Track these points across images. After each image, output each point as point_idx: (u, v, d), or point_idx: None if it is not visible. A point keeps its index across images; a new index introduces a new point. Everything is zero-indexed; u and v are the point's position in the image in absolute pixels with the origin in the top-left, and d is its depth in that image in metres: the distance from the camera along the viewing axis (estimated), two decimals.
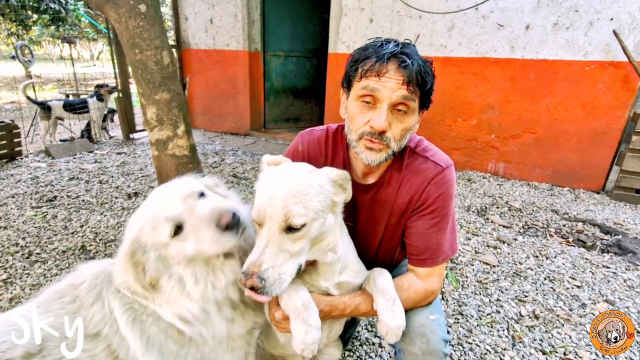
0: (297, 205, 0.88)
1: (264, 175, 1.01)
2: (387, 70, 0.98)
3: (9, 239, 2.63)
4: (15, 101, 9.33)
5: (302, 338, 0.93)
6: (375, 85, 0.99)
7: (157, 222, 0.89)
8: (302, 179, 0.93)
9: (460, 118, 4.52)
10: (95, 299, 0.92)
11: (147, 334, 0.90)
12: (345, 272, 1.11)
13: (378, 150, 1.06)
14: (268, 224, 0.89)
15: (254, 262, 0.87)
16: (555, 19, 3.82)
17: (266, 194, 0.91)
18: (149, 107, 2.74)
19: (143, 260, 0.90)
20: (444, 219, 1.13)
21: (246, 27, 5.62)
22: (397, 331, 1.00)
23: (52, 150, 4.62)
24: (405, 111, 1.03)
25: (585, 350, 1.82)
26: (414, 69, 0.98)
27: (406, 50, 1.01)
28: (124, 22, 2.56)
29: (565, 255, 2.69)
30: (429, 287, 1.13)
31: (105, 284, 0.96)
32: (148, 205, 0.95)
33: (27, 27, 14.32)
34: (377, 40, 1.06)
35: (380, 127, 1.01)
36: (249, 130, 6.16)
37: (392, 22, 4.57)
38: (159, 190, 0.99)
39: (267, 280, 0.85)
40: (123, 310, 0.91)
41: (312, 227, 0.92)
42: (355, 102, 1.06)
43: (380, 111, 1.01)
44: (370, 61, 1.00)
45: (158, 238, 0.90)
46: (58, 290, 0.95)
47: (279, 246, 0.88)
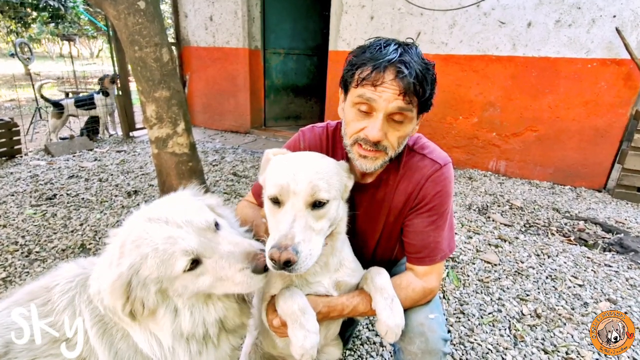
0: (322, 181, 0.90)
1: (276, 161, 1.01)
2: (384, 80, 0.94)
3: (9, 237, 2.62)
4: (14, 99, 9.31)
5: (301, 343, 0.92)
6: (371, 95, 0.96)
7: (170, 254, 0.82)
8: (322, 160, 0.98)
9: (461, 116, 4.50)
10: (66, 304, 0.89)
11: (115, 349, 0.88)
12: (342, 270, 1.10)
13: (373, 159, 1.04)
14: (292, 200, 0.89)
15: (285, 235, 0.84)
16: (558, 16, 3.79)
17: (287, 173, 0.91)
18: (149, 105, 2.72)
19: (142, 296, 0.82)
20: (442, 217, 1.12)
21: (246, 25, 5.59)
22: (397, 330, 0.99)
23: (51, 148, 4.60)
24: (402, 121, 1.00)
25: (587, 349, 1.81)
26: (411, 79, 0.93)
27: (405, 57, 0.95)
28: (123, 19, 2.54)
29: (567, 254, 2.68)
30: (428, 285, 1.12)
31: (78, 289, 0.91)
32: (152, 231, 0.84)
33: (27, 25, 14.27)
34: (376, 42, 1.01)
35: (375, 137, 0.98)
36: (249, 128, 6.14)
37: (393, 20, 4.55)
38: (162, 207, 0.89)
39: (301, 253, 0.83)
40: (93, 322, 0.87)
41: (332, 207, 0.93)
42: (351, 107, 1.03)
43: (376, 121, 0.98)
44: (367, 69, 0.96)
45: (167, 272, 0.82)
46: (30, 292, 0.91)
47: (306, 221, 0.87)
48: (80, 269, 0.96)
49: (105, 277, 0.83)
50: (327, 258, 1.06)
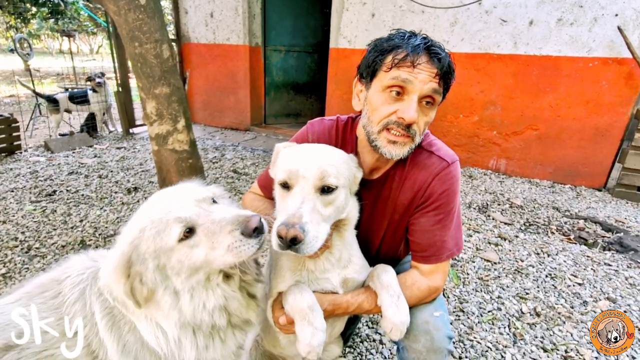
0: (331, 167, 0.92)
1: (287, 151, 1.03)
2: (420, 62, 0.96)
3: (8, 233, 2.62)
4: (14, 95, 9.28)
5: (308, 341, 0.92)
6: (407, 76, 0.97)
7: (165, 223, 0.82)
8: (332, 150, 1.01)
9: (462, 114, 4.49)
10: (77, 297, 0.89)
11: (123, 341, 0.88)
12: (350, 267, 1.11)
13: (402, 144, 1.03)
14: (301, 183, 0.91)
15: (293, 214, 0.85)
16: (560, 15, 3.78)
17: (298, 159, 0.94)
18: (149, 102, 2.71)
19: (140, 271, 0.83)
20: (448, 216, 1.11)
21: (247, 21, 5.57)
22: (402, 327, 0.99)
23: (51, 144, 4.59)
24: (432, 103, 1.02)
25: (586, 347, 1.82)
26: (446, 62, 0.98)
27: (435, 42, 1.01)
28: (123, 15, 2.52)
29: (566, 253, 2.68)
30: (433, 284, 1.12)
31: (89, 281, 0.91)
32: (151, 208, 0.87)
33: (26, 20, 14.21)
34: (400, 32, 1.04)
35: (412, 118, 0.98)
36: (249, 126, 6.13)
37: (394, 17, 4.53)
38: (164, 192, 0.91)
39: (308, 233, 0.83)
40: (103, 314, 0.88)
41: (341, 194, 0.95)
42: (381, 92, 1.02)
43: (410, 102, 0.98)
44: (403, 51, 0.97)
45: (163, 243, 0.82)
46: (42, 284, 0.91)
47: (314, 204, 0.88)
48: (91, 262, 0.96)
49: (109, 261, 0.86)
50: (341, 252, 1.07)
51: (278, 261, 1.13)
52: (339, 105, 5.19)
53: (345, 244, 1.07)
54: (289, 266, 1.09)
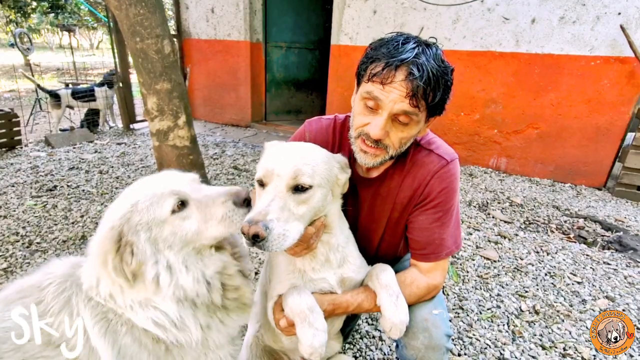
0: (307, 167, 0.91)
1: (270, 148, 1.02)
2: (393, 80, 0.92)
3: (9, 228, 2.62)
4: (14, 90, 9.26)
5: (310, 342, 0.93)
6: (378, 94, 0.94)
7: (159, 196, 0.86)
8: (311, 148, 1.00)
9: (463, 112, 4.48)
10: (62, 305, 0.85)
11: (118, 345, 0.85)
12: (346, 266, 1.10)
13: (373, 155, 1.03)
14: (275, 182, 0.90)
15: (259, 211, 0.85)
16: (562, 13, 3.77)
17: (275, 157, 0.93)
18: (150, 97, 2.71)
19: (131, 241, 0.83)
20: (447, 214, 1.11)
21: (248, 17, 5.54)
22: (401, 327, 1.00)
23: (51, 139, 4.59)
24: (407, 122, 0.98)
25: (585, 345, 1.83)
26: (421, 83, 0.90)
27: (421, 57, 0.91)
28: (124, 10, 2.51)
29: (566, 251, 2.69)
30: (432, 282, 1.12)
31: (74, 289, 0.87)
32: (140, 188, 0.89)
33: (26, 15, 14.16)
34: (396, 37, 0.98)
35: (375, 136, 0.98)
36: (249, 122, 6.12)
37: (396, 14, 4.51)
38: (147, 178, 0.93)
39: (272, 231, 0.83)
40: (95, 320, 0.84)
41: (317, 194, 0.93)
42: (359, 101, 1.03)
43: (380, 120, 0.96)
44: (379, 65, 0.93)
45: (156, 214, 0.85)
46: (21, 289, 0.87)
47: (285, 202, 0.88)
48: (73, 269, 0.91)
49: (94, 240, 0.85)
50: (326, 253, 1.06)
51: (273, 262, 1.13)
52: (339, 103, 5.18)
53: (329, 245, 1.06)
54: (283, 268, 1.09)
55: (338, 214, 1.08)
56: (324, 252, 1.06)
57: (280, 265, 1.10)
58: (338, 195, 1.07)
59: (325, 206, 1.00)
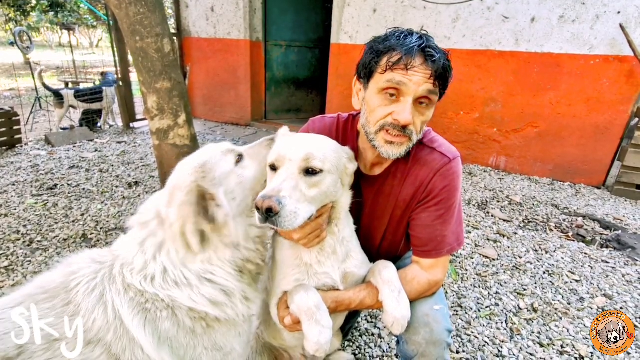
0: (318, 152, 0.94)
1: (282, 136, 1.07)
2: (415, 64, 0.96)
3: (10, 226, 2.63)
4: (14, 88, 9.26)
5: (317, 339, 0.94)
6: (402, 79, 0.97)
7: (223, 153, 1.01)
8: (322, 138, 1.04)
9: (462, 111, 4.49)
10: (95, 303, 0.85)
11: (159, 332, 0.88)
12: (350, 261, 1.12)
13: (399, 144, 1.04)
14: (287, 165, 0.93)
15: (273, 188, 0.88)
16: (562, 12, 3.77)
17: (287, 144, 0.97)
18: (150, 96, 2.71)
19: (213, 194, 0.92)
20: (449, 211, 1.13)
21: (248, 16, 5.54)
22: (403, 322, 1.01)
23: (52, 138, 4.60)
24: (428, 104, 1.03)
25: (582, 343, 1.84)
26: (441, 63, 0.97)
27: (431, 43, 0.99)
28: (124, 9, 2.52)
29: (564, 250, 2.70)
30: (433, 278, 1.14)
31: (106, 284, 0.89)
32: (197, 156, 1.01)
33: (26, 13, 14.14)
34: (397, 31, 1.03)
35: (406, 120, 0.99)
36: (249, 121, 6.12)
37: (396, 13, 4.51)
38: (196, 153, 1.05)
39: (285, 207, 0.85)
40: (134, 313, 0.86)
41: (327, 179, 0.96)
42: (377, 94, 1.03)
43: (405, 105, 0.99)
44: (397, 53, 0.97)
45: (224, 168, 0.98)
46: (47, 289, 0.87)
47: (297, 183, 0.91)
48: (98, 264, 0.93)
49: (172, 203, 0.93)
50: (334, 245, 1.08)
51: (277, 257, 1.14)
52: (339, 101, 5.19)
53: (337, 236, 1.08)
54: (289, 262, 1.10)
55: (347, 207, 1.10)
56: (332, 243, 1.08)
57: (286, 261, 1.11)
58: (347, 185, 1.09)
59: (335, 194, 1.02)
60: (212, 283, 0.94)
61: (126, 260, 0.93)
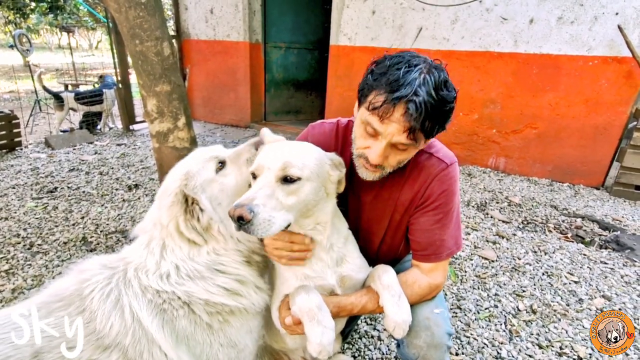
0: (296, 159, 0.95)
1: (265, 146, 1.08)
2: (392, 114, 0.93)
3: (10, 229, 2.64)
4: (13, 91, 9.27)
5: (319, 340, 0.94)
6: (377, 126, 0.96)
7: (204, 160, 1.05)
8: (302, 145, 1.06)
9: (461, 112, 4.50)
10: (112, 309, 0.86)
11: (176, 331, 0.90)
12: (346, 265, 1.13)
13: (373, 172, 1.07)
14: (265, 173, 0.95)
15: (247, 197, 0.90)
16: (560, 13, 3.78)
17: (267, 152, 0.99)
18: (150, 99, 2.72)
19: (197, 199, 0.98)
20: (448, 215, 1.14)
21: (247, 18, 5.55)
22: (404, 326, 1.02)
23: (51, 141, 4.60)
24: (405, 149, 1.01)
25: (581, 344, 1.84)
26: (419, 121, 0.91)
27: (420, 93, 0.90)
28: (123, 12, 2.52)
29: (563, 251, 2.71)
30: (433, 281, 1.15)
31: (122, 287, 0.90)
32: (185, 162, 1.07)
33: (25, 15, 14.16)
34: (401, 62, 0.94)
35: (374, 162, 1.01)
36: (249, 123, 6.13)
37: (395, 14, 4.52)
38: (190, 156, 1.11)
39: (257, 215, 0.86)
40: (153, 315, 0.88)
41: (306, 187, 0.96)
42: (360, 124, 1.04)
43: (378, 147, 0.99)
44: (379, 99, 0.94)
45: (206, 175, 1.02)
46: (62, 297, 0.88)
47: (273, 191, 0.92)
48: (109, 270, 0.94)
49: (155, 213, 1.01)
50: (318, 253, 1.09)
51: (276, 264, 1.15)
52: (339, 103, 5.19)
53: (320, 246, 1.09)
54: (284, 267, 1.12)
55: (332, 213, 1.09)
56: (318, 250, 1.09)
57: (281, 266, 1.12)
58: (332, 193, 1.09)
59: (318, 202, 1.02)
60: (225, 273, 0.98)
61: (139, 264, 0.95)
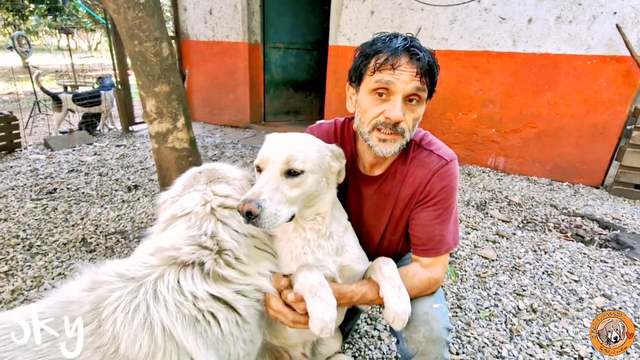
0: (299, 153, 0.98)
1: (269, 138, 1.09)
2: (401, 63, 1.01)
3: (10, 231, 2.63)
4: (12, 92, 9.26)
5: (321, 316, 0.93)
6: (390, 78, 1.01)
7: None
8: (304, 137, 1.08)
9: (461, 112, 4.50)
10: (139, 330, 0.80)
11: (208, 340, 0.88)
12: (345, 255, 1.14)
13: (392, 141, 1.08)
14: (270, 167, 0.97)
15: (254, 192, 0.92)
16: (559, 13, 3.79)
17: (270, 146, 1.02)
18: (149, 100, 2.72)
19: None
20: (447, 211, 1.16)
21: (246, 19, 5.56)
22: (404, 317, 1.02)
23: (51, 142, 4.60)
24: (417, 101, 1.06)
25: (581, 343, 1.84)
26: (425, 60, 1.01)
27: (415, 43, 1.04)
28: (122, 13, 2.52)
29: (563, 250, 2.71)
30: (433, 275, 1.16)
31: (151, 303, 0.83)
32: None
33: (24, 17, 14.16)
34: (383, 35, 1.09)
35: (396, 117, 1.03)
36: (248, 123, 6.13)
37: (394, 15, 4.53)
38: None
39: (265, 209, 0.89)
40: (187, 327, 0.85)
41: (309, 179, 0.99)
42: (368, 95, 1.08)
43: (395, 103, 1.03)
44: (383, 55, 1.02)
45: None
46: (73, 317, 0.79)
47: (278, 185, 0.94)
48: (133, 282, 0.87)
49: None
50: (318, 240, 1.10)
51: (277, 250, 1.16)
52: (338, 103, 5.20)
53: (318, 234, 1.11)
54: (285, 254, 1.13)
55: (331, 203, 1.12)
56: (314, 238, 1.10)
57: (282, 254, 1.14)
58: (333, 183, 1.12)
59: (320, 192, 1.06)
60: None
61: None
